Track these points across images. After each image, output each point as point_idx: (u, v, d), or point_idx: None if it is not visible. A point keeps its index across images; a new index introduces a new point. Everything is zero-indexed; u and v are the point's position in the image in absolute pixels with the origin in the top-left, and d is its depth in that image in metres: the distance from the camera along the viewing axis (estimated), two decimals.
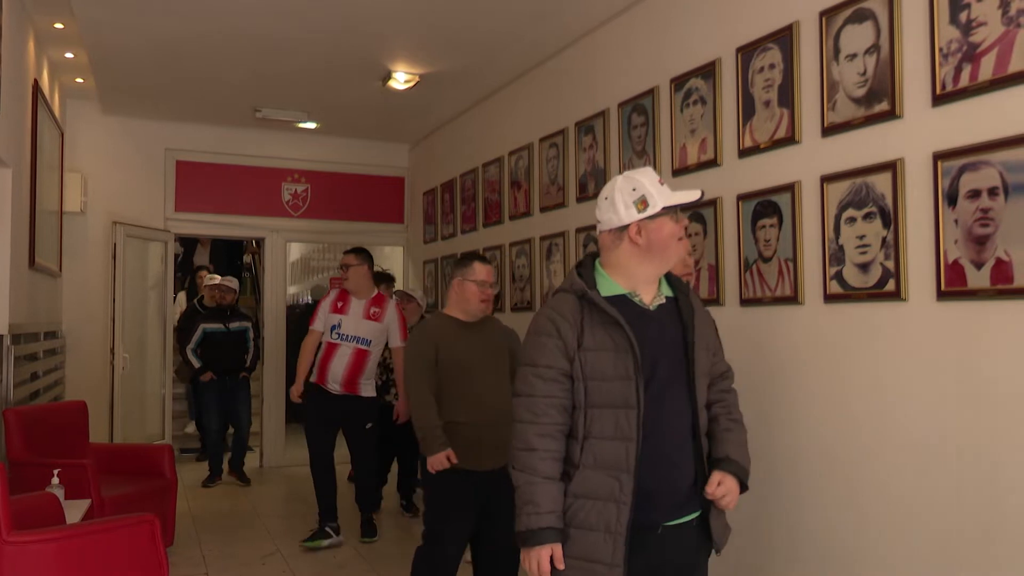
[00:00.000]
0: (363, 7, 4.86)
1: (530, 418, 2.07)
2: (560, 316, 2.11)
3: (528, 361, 2.13)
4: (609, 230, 2.20)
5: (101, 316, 7.01)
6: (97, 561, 2.96)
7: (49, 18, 5.29)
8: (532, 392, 2.08)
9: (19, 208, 4.86)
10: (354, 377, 5.15)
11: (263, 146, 7.94)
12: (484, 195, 6.66)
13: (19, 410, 4.47)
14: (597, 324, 2.08)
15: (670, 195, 2.16)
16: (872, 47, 3.19)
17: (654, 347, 2.09)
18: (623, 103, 4.78)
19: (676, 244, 2.18)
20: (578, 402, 2.08)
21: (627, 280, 2.18)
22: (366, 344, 5.15)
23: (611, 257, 2.21)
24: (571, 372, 2.07)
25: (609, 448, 2.04)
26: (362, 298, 5.22)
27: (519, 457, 2.09)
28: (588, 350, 2.06)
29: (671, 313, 2.20)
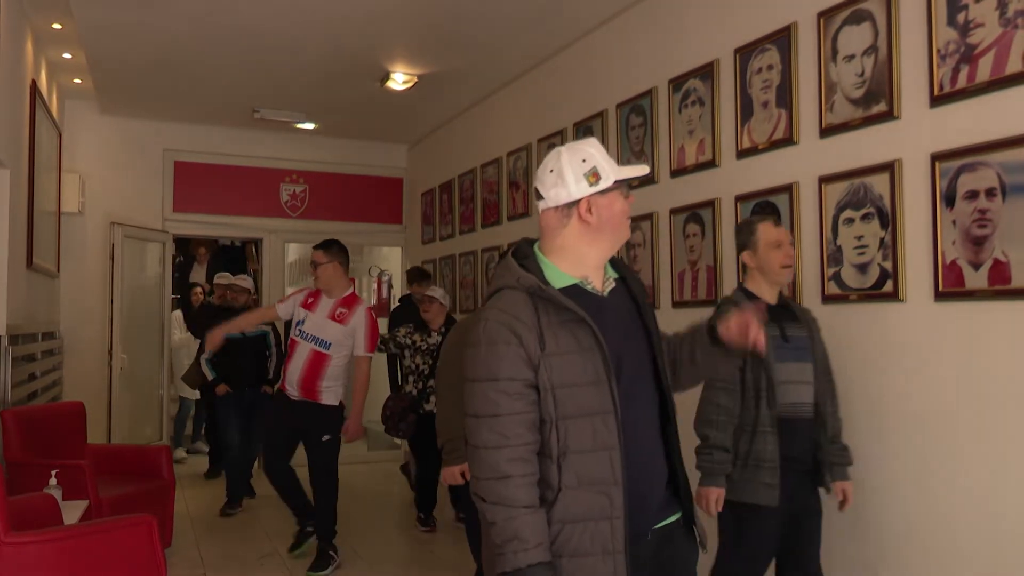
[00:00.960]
0: (361, 8, 4.86)
1: (497, 441, 1.78)
2: (515, 319, 1.82)
3: (484, 375, 1.82)
4: (556, 207, 1.93)
5: (99, 317, 7.00)
6: (95, 562, 2.95)
7: (47, 18, 5.28)
8: (496, 411, 1.79)
9: (17, 209, 4.85)
10: (310, 382, 4.60)
11: (261, 147, 7.94)
12: (482, 196, 6.66)
13: (17, 411, 4.46)
14: (557, 323, 1.82)
15: (619, 168, 1.94)
16: (870, 48, 3.20)
17: (616, 338, 1.87)
18: (621, 104, 4.79)
19: (626, 223, 1.96)
20: (547, 415, 1.80)
21: (576, 266, 1.92)
22: (325, 347, 4.60)
23: (556, 240, 1.94)
24: (536, 382, 1.80)
25: (591, 461, 1.80)
26: (333, 296, 4.71)
27: (490, 488, 1.79)
28: (552, 355, 1.80)
29: (622, 296, 1.98)
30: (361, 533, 5.54)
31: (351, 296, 4.75)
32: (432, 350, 5.40)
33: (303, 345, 4.63)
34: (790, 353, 2.88)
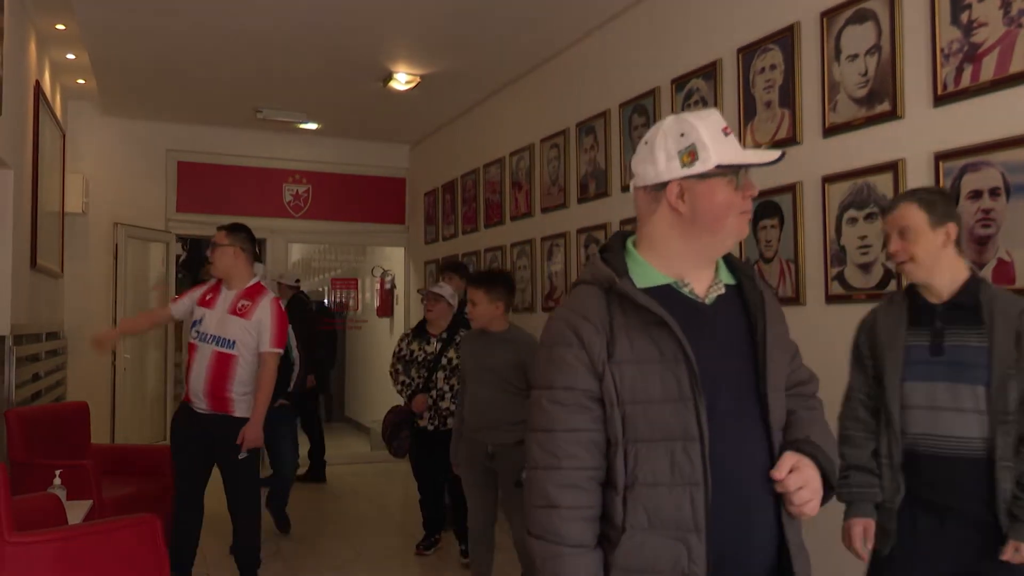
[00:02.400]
0: (364, 8, 4.86)
1: (547, 461, 1.48)
2: (580, 317, 1.51)
3: (541, 382, 1.55)
4: (644, 187, 1.59)
5: (103, 317, 7.01)
6: (98, 562, 2.96)
7: (50, 19, 5.29)
8: (549, 425, 1.50)
9: (21, 209, 4.86)
10: (217, 390, 3.95)
11: (264, 147, 7.95)
12: (485, 196, 6.66)
13: (21, 411, 4.47)
14: (634, 326, 1.49)
15: (734, 150, 1.54)
16: (873, 47, 3.20)
17: (712, 354, 1.50)
18: (624, 104, 4.79)
19: (735, 219, 1.55)
20: (613, 435, 1.47)
21: (668, 263, 1.57)
22: (229, 346, 3.97)
23: (645, 229, 1.61)
24: (600, 394, 1.48)
25: (666, 498, 1.44)
26: (233, 288, 4.08)
27: (535, 518, 1.49)
28: (623, 362, 1.47)
29: (733, 307, 1.59)
30: (363, 534, 5.54)
31: (254, 287, 4.12)
32: (429, 361, 4.88)
33: (203, 348, 3.99)
34: (940, 370, 2.23)
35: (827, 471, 1.52)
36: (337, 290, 11.03)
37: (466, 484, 3.95)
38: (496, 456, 3.74)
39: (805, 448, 1.52)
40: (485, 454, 3.78)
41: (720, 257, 1.63)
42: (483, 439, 3.79)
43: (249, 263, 4.16)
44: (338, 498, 6.69)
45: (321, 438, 7.16)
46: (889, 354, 2.31)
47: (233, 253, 4.07)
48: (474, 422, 3.83)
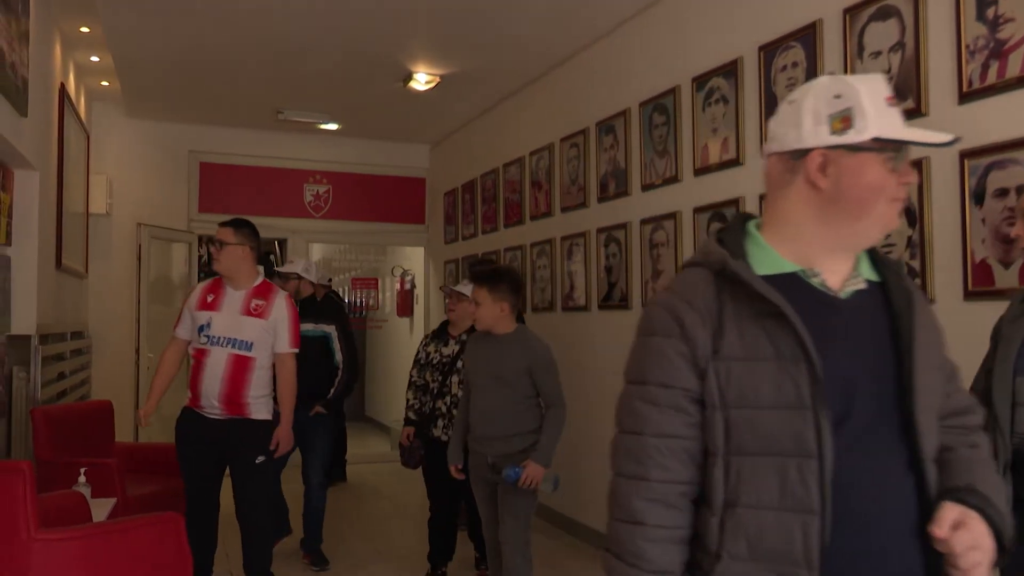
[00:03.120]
0: (384, 9, 4.87)
1: (633, 470, 1.29)
2: (684, 303, 1.28)
3: (633, 375, 1.34)
4: (780, 153, 1.32)
5: (126, 316, 7.08)
6: (123, 559, 2.98)
7: (75, 22, 5.35)
8: (639, 427, 1.29)
9: (46, 210, 4.92)
10: (236, 393, 3.76)
11: (285, 147, 8.00)
12: (504, 195, 6.66)
13: (46, 409, 4.52)
14: (746, 316, 1.25)
15: (897, 124, 1.27)
16: (897, 44, 3.16)
17: (846, 360, 1.25)
18: (644, 103, 4.77)
19: (885, 206, 1.28)
20: (713, 444, 1.26)
21: (797, 249, 1.31)
22: (247, 348, 3.77)
23: (775, 205, 1.35)
24: (701, 395, 1.26)
25: (772, 525, 1.21)
26: (240, 288, 3.86)
27: (615, 534, 1.30)
28: (731, 359, 1.25)
29: (874, 306, 1.32)
30: (384, 533, 5.56)
31: (263, 285, 3.93)
32: (445, 363, 4.51)
33: (217, 352, 3.75)
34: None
35: (999, 529, 1.24)
36: (357, 290, 11.07)
37: (477, 498, 3.73)
38: (497, 467, 3.49)
39: (970, 500, 1.24)
40: (487, 466, 3.54)
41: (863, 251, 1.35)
42: (485, 450, 3.54)
43: (255, 261, 3.99)
44: (359, 497, 6.71)
45: (343, 437, 7.19)
46: (1005, 347, 2.12)
47: (242, 252, 3.89)
48: (477, 432, 3.58)
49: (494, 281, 3.52)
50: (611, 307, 5.10)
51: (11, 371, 4.30)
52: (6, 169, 4.28)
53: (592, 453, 5.12)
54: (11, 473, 2.81)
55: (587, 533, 5.27)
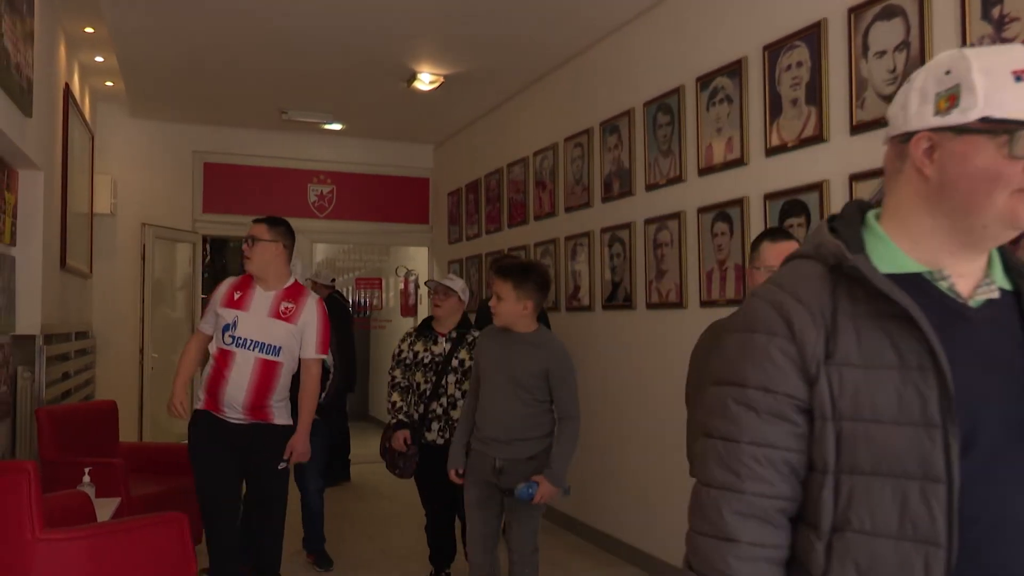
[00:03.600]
0: (388, 9, 4.88)
1: (725, 479, 1.14)
2: (792, 299, 1.14)
3: (728, 375, 1.17)
4: (892, 138, 1.20)
5: (131, 316, 7.09)
6: (127, 559, 2.99)
7: (80, 23, 5.36)
8: (733, 434, 1.14)
9: (51, 210, 4.93)
10: (260, 399, 3.59)
11: (289, 148, 8.00)
12: (509, 195, 6.66)
13: (51, 409, 4.53)
14: (865, 317, 1.11)
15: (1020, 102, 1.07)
16: (902, 44, 3.15)
17: (976, 373, 1.09)
18: (648, 102, 4.76)
19: (1005, 199, 1.09)
20: (822, 460, 1.11)
21: (919, 246, 1.16)
22: (274, 353, 3.59)
23: (891, 199, 1.20)
24: (809, 403, 1.11)
25: (889, 555, 1.07)
26: (271, 288, 3.67)
27: (701, 551, 1.15)
28: (846, 364, 1.10)
29: (1009, 320, 1.16)
30: (387, 533, 5.56)
31: (294, 287, 3.74)
32: (437, 363, 4.22)
33: (244, 355, 3.56)
34: None
35: None
36: (361, 290, 11.09)
37: (467, 503, 3.45)
38: (504, 472, 3.29)
39: None
40: (492, 469, 3.32)
41: (996, 250, 1.19)
42: (492, 452, 3.32)
43: (288, 261, 3.79)
44: (361, 496, 6.72)
45: (347, 437, 7.20)
46: None
47: (275, 250, 3.68)
48: (483, 433, 3.37)
49: (521, 277, 3.27)
50: (615, 307, 5.09)
51: (16, 371, 4.31)
52: (11, 169, 4.28)
53: (596, 452, 5.12)
54: (16, 473, 2.82)
55: (589, 532, 5.27)
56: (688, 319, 4.41)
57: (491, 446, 3.33)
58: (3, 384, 4.06)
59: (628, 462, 4.93)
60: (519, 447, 3.29)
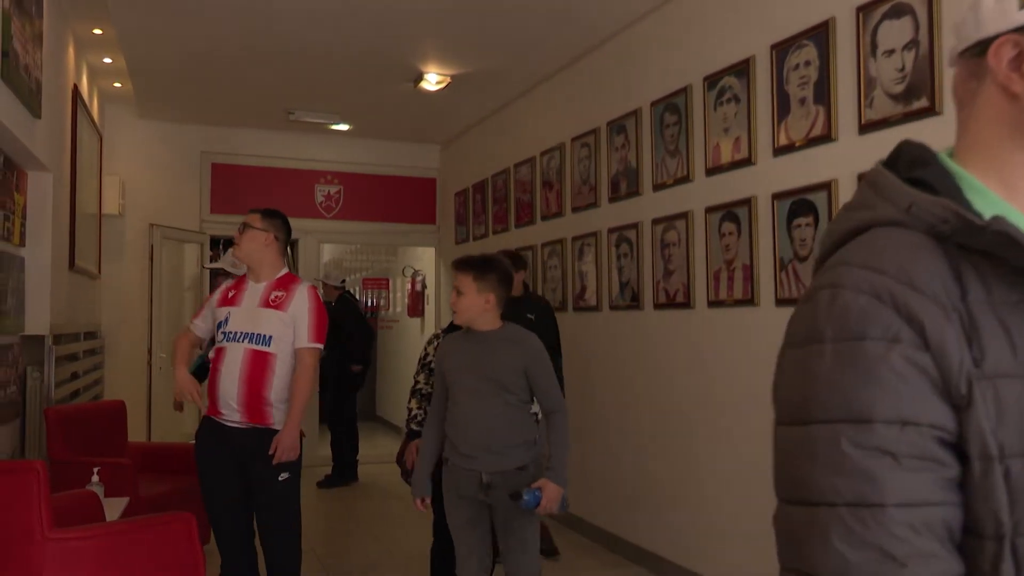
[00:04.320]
0: (394, 10, 4.88)
1: (878, 568, 0.72)
2: (904, 285, 0.77)
3: (833, 409, 0.76)
4: (962, 55, 0.88)
5: (139, 317, 7.11)
6: (136, 558, 3.00)
7: (88, 24, 5.38)
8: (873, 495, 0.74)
9: (60, 211, 4.94)
10: (255, 395, 3.37)
11: (296, 148, 8.02)
12: (515, 195, 6.66)
13: (60, 409, 4.55)
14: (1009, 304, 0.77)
15: None
16: (911, 42, 3.14)
17: None
18: (655, 102, 4.76)
19: None
20: (992, 520, 0.73)
21: (1015, 192, 0.84)
22: (264, 343, 3.39)
23: (967, 132, 0.88)
24: (960, 435, 0.75)
25: None
26: (262, 279, 3.53)
27: None
28: (1003, 376, 0.75)
29: None
30: (394, 534, 5.56)
31: (286, 276, 3.59)
32: None
33: (234, 348, 3.40)
34: None
35: None
36: (368, 290, 11.11)
37: (453, 525, 3.12)
38: (493, 487, 2.98)
39: None
40: (478, 485, 3.00)
41: None
42: (476, 467, 3.00)
43: (281, 253, 3.65)
44: (369, 497, 6.72)
45: (355, 437, 7.22)
46: None
47: (265, 240, 3.55)
48: (463, 446, 3.03)
49: (482, 268, 3.05)
50: (622, 307, 5.08)
51: (25, 371, 4.32)
52: (20, 171, 4.30)
53: (600, 452, 5.11)
54: (25, 472, 2.83)
55: (592, 531, 5.27)
56: (695, 319, 4.40)
57: (474, 459, 3.00)
58: (12, 384, 4.07)
59: (634, 461, 4.92)
60: (508, 456, 3.00)
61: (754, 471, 3.93)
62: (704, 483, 4.31)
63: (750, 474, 3.95)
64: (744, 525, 3.97)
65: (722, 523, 4.15)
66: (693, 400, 4.40)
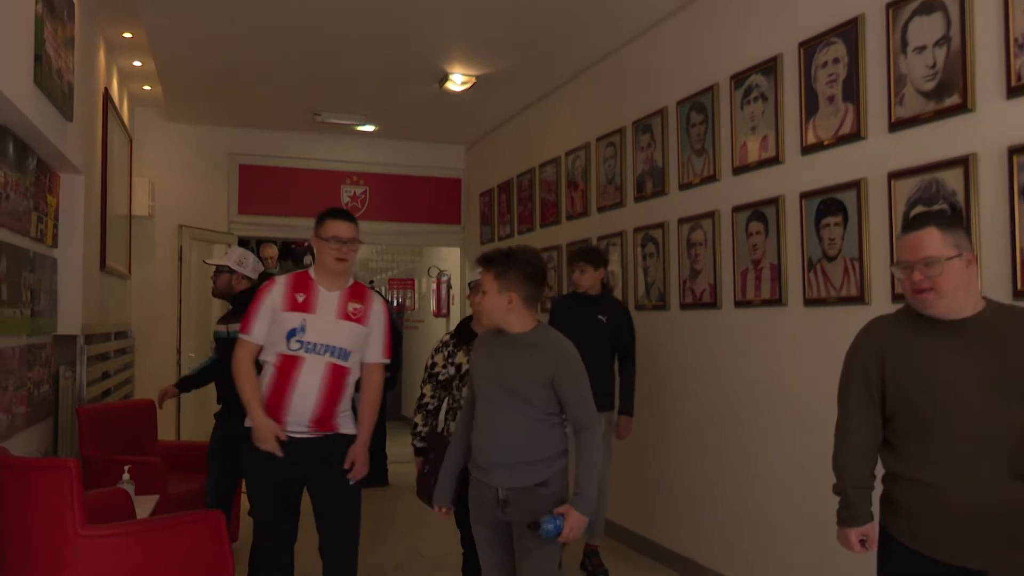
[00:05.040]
0: (420, 11, 4.89)
1: None
2: None
3: None
4: None
5: (168, 316, 7.19)
6: (165, 555, 3.03)
7: (118, 28, 5.45)
8: None
9: (91, 213, 5.01)
10: (330, 409, 3.21)
11: (322, 149, 8.08)
12: (541, 195, 6.65)
13: (91, 408, 4.61)
14: None
15: None
16: (942, 39, 3.10)
17: None
18: (681, 101, 4.73)
19: None
20: None
21: None
22: (344, 358, 3.22)
23: None
24: None
25: None
26: (334, 288, 3.29)
27: None
28: None
29: None
30: (423, 533, 5.57)
31: (357, 287, 3.39)
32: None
33: (314, 360, 3.17)
34: None
35: None
36: (394, 290, 11.16)
37: (476, 540, 2.91)
38: (509, 504, 2.72)
39: None
40: (495, 501, 2.74)
41: None
42: (492, 481, 2.74)
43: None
44: (397, 496, 6.75)
45: (383, 439, 7.19)
46: None
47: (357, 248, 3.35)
48: (481, 458, 2.79)
49: (503, 265, 2.76)
50: (648, 307, 5.06)
51: (58, 370, 4.39)
52: (52, 173, 4.37)
53: (629, 455, 5.08)
54: (59, 470, 2.87)
55: (627, 535, 5.25)
56: (722, 320, 4.37)
57: (491, 473, 2.75)
58: (45, 383, 4.13)
59: (664, 464, 4.90)
60: (525, 472, 2.71)
61: (779, 470, 3.90)
62: (729, 483, 4.28)
63: (774, 473, 3.91)
64: (766, 523, 3.93)
65: (749, 522, 4.12)
66: (720, 400, 4.37)
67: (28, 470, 2.96)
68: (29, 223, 3.81)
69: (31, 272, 3.85)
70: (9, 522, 2.90)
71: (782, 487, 3.90)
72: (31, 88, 3.46)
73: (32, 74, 3.44)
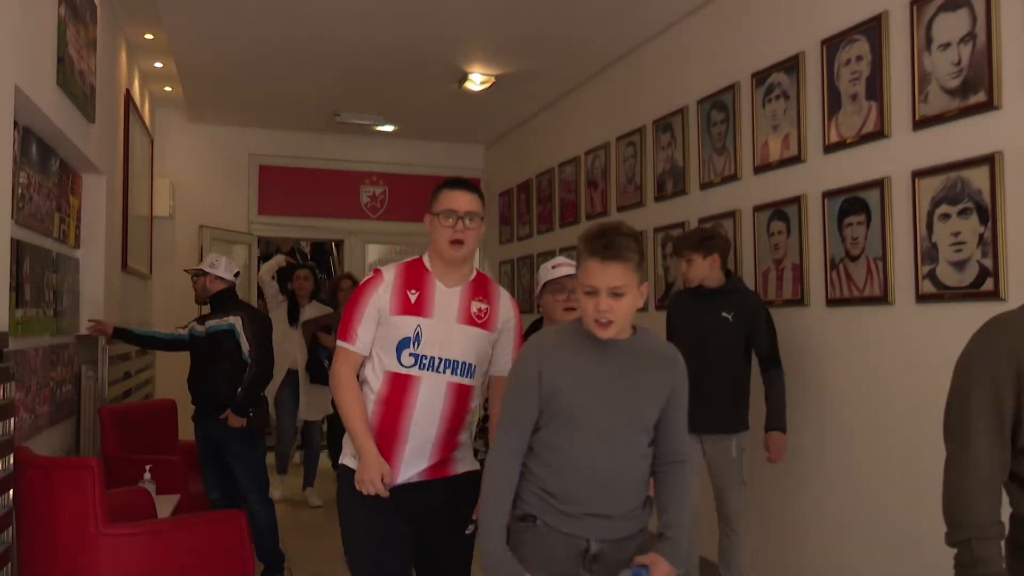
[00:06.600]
0: (439, 11, 4.89)
1: None
2: None
3: None
4: None
5: (189, 317, 7.18)
6: (186, 554, 3.05)
7: (140, 30, 5.49)
8: None
9: (113, 214, 5.05)
10: (451, 443, 2.48)
11: (342, 149, 8.10)
12: (560, 195, 6.63)
13: (113, 408, 4.65)
14: None
15: None
16: (967, 36, 3.06)
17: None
18: (702, 100, 4.70)
19: None
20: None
21: None
22: (468, 375, 2.47)
23: None
24: None
25: None
26: (453, 283, 2.51)
27: None
28: None
29: None
30: None
31: (480, 279, 2.58)
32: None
33: (433, 381, 2.42)
34: None
35: None
36: None
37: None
38: (600, 559, 2.03)
39: None
40: (580, 557, 2.03)
41: None
42: (581, 532, 2.02)
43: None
44: None
45: None
46: None
47: (481, 230, 2.55)
48: (571, 504, 2.02)
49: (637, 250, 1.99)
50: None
51: (80, 370, 4.42)
52: (75, 174, 4.40)
53: None
54: (81, 469, 2.90)
55: None
56: None
57: (582, 523, 2.03)
58: (68, 383, 4.17)
59: None
60: (628, 520, 2.07)
61: (795, 468, 3.86)
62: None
63: (791, 471, 3.88)
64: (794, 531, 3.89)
65: (765, 534, 4.08)
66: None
67: (51, 469, 2.98)
68: (52, 224, 3.84)
69: (54, 272, 3.88)
70: (32, 520, 2.92)
71: (796, 483, 3.86)
72: (54, 90, 3.48)
73: (55, 76, 3.47)
